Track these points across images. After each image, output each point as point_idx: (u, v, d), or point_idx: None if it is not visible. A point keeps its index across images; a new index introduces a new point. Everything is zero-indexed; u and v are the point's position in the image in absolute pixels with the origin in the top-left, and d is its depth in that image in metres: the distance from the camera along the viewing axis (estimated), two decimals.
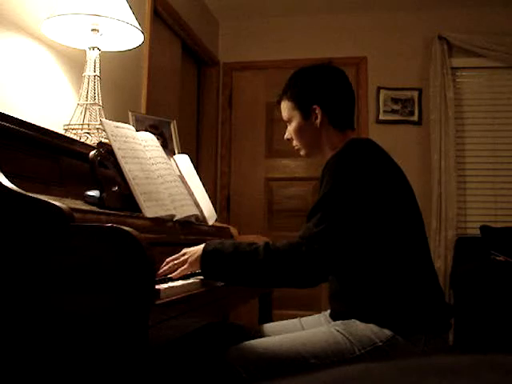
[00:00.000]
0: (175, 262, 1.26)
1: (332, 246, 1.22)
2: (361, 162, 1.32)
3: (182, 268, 1.24)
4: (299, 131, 1.51)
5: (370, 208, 1.28)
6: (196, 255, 1.25)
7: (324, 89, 1.49)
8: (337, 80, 1.51)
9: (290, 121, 1.53)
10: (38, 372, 0.93)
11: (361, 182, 1.29)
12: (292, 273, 1.22)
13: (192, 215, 1.70)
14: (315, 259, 1.21)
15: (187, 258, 1.25)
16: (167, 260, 1.27)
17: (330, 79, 1.51)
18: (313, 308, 3.59)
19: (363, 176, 1.29)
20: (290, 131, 1.55)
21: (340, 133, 1.49)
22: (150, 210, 1.40)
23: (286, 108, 1.53)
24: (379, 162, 1.35)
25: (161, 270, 1.24)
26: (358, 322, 1.31)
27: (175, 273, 1.23)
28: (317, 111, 1.47)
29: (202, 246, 1.27)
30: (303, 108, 1.49)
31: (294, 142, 1.55)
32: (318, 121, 1.48)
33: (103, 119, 1.50)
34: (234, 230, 2.20)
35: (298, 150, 1.57)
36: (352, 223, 1.26)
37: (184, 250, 1.29)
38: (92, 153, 1.35)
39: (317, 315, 1.62)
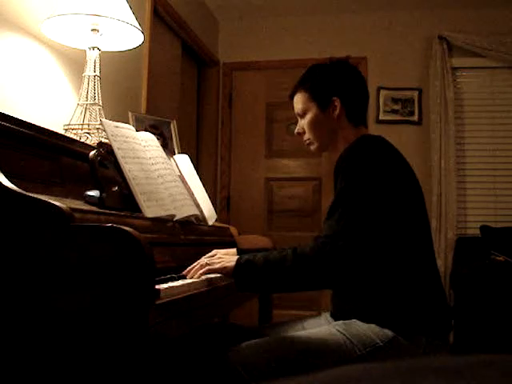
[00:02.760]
0: (206, 261, 1.30)
1: (356, 239, 1.21)
2: (374, 157, 1.32)
3: (212, 267, 1.27)
4: (315, 123, 1.50)
5: (382, 204, 1.28)
6: (229, 264, 1.27)
7: (344, 82, 1.50)
8: (356, 75, 1.53)
9: (304, 113, 1.51)
10: (38, 371, 0.93)
11: (374, 177, 1.29)
12: (321, 273, 1.22)
13: (192, 215, 1.70)
14: (341, 256, 1.19)
15: (220, 261, 1.29)
16: (199, 260, 1.32)
17: (349, 73, 1.52)
18: (313, 308, 3.59)
19: (376, 171, 1.30)
20: (302, 125, 1.53)
21: (354, 128, 1.50)
22: (150, 210, 1.40)
23: (301, 100, 1.52)
24: (391, 160, 1.36)
25: (192, 270, 1.29)
26: (358, 322, 1.30)
27: (202, 270, 1.27)
28: (336, 103, 1.47)
29: (236, 257, 1.29)
30: (322, 99, 1.48)
31: (306, 136, 1.53)
32: (337, 113, 1.47)
33: (103, 119, 1.50)
34: (234, 230, 2.20)
35: (309, 144, 1.54)
36: (370, 216, 1.25)
37: (216, 251, 1.34)
38: (92, 153, 1.35)
39: (317, 316, 1.62)
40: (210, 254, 1.36)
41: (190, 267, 1.33)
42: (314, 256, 1.20)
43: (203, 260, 1.33)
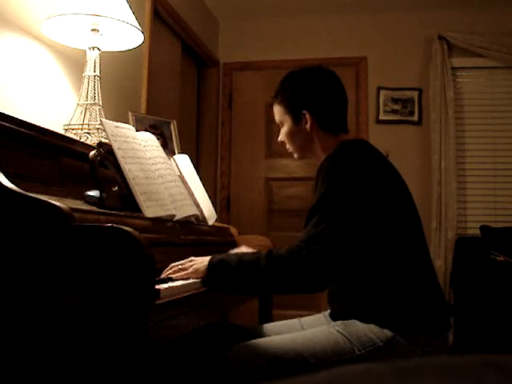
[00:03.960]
0: (179, 266, 1.27)
1: (332, 245, 1.21)
2: (354, 162, 1.32)
3: (185, 272, 1.25)
4: (291, 135, 1.52)
5: (367, 208, 1.28)
6: (202, 265, 1.26)
7: (313, 93, 1.48)
8: (326, 83, 1.50)
9: (281, 124, 1.54)
10: (37, 371, 0.93)
11: (355, 181, 1.29)
12: (295, 277, 1.22)
13: (192, 215, 1.70)
14: (316, 261, 1.20)
15: (192, 265, 1.27)
16: (172, 265, 1.29)
17: (319, 83, 1.50)
18: (313, 308, 3.59)
19: (357, 176, 1.30)
20: (282, 134, 1.55)
21: (333, 136, 1.49)
22: (150, 210, 1.40)
23: (277, 112, 1.54)
24: (372, 163, 1.35)
25: (164, 274, 1.26)
26: (357, 322, 1.31)
27: (177, 274, 1.24)
28: (306, 116, 1.47)
29: (209, 257, 1.28)
30: (293, 113, 1.49)
31: (287, 145, 1.56)
32: (308, 126, 1.47)
33: (103, 119, 1.50)
34: (233, 230, 2.20)
35: (292, 152, 1.57)
36: (350, 222, 1.26)
37: (191, 258, 1.31)
38: (92, 153, 1.35)
39: (317, 315, 1.62)
40: (183, 261, 1.31)
41: (164, 273, 1.27)
42: (289, 259, 1.20)
43: (176, 265, 1.29)
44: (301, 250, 1.21)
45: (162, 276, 1.24)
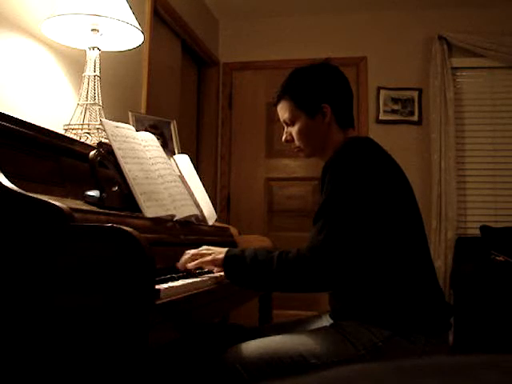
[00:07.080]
0: (197, 252, 1.34)
1: (336, 252, 1.22)
2: (359, 162, 1.31)
3: (204, 259, 1.32)
4: (304, 131, 1.47)
5: (370, 209, 1.28)
6: (219, 256, 1.31)
7: (330, 86, 1.48)
8: (339, 78, 1.51)
9: (292, 122, 1.49)
10: (36, 373, 0.93)
11: (360, 183, 1.28)
12: (303, 282, 1.27)
13: (192, 215, 1.70)
14: (322, 268, 1.22)
15: (211, 253, 1.33)
16: (187, 251, 1.35)
17: (334, 77, 1.50)
18: (313, 308, 3.59)
19: (362, 177, 1.29)
20: (290, 132, 1.51)
21: (343, 131, 1.49)
22: (150, 210, 1.40)
23: (287, 108, 1.49)
24: (378, 162, 1.35)
25: (181, 260, 1.33)
26: (357, 322, 1.31)
27: (195, 262, 1.32)
28: (325, 109, 1.45)
29: (226, 249, 1.33)
30: (310, 107, 1.46)
31: (296, 143, 1.51)
32: (327, 119, 1.46)
33: (103, 119, 1.50)
34: (233, 230, 2.20)
35: (299, 151, 1.53)
36: (353, 226, 1.26)
37: (207, 246, 1.37)
38: (92, 153, 1.35)
39: (317, 315, 1.62)
40: (199, 248, 1.38)
41: (181, 259, 1.35)
42: (296, 267, 1.24)
43: (193, 251, 1.35)
44: (306, 258, 1.23)
45: (179, 264, 1.33)
